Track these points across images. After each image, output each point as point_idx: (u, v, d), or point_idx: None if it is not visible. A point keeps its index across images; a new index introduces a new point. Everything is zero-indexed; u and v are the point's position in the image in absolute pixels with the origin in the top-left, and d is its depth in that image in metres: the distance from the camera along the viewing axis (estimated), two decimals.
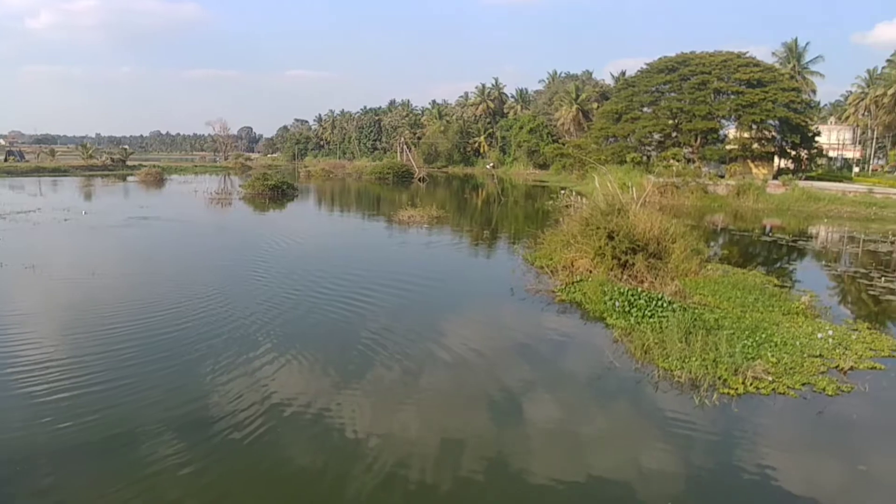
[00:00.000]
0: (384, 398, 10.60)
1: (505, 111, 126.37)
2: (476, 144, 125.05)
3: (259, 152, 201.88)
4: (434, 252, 26.74)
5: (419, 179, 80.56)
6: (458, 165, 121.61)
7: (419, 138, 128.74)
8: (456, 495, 7.87)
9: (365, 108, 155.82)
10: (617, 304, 15.27)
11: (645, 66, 75.91)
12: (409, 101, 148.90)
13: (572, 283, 18.08)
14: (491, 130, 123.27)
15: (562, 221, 24.32)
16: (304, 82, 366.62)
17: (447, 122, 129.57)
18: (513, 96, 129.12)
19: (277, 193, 55.55)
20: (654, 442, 9.52)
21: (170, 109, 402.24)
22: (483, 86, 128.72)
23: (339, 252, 26.38)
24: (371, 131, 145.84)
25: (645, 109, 72.37)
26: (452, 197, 63.75)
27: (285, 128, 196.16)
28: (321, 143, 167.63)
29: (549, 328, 14.91)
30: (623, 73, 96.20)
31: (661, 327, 13.25)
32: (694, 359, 11.76)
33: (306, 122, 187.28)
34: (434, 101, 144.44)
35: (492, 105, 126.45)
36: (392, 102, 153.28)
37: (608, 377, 11.78)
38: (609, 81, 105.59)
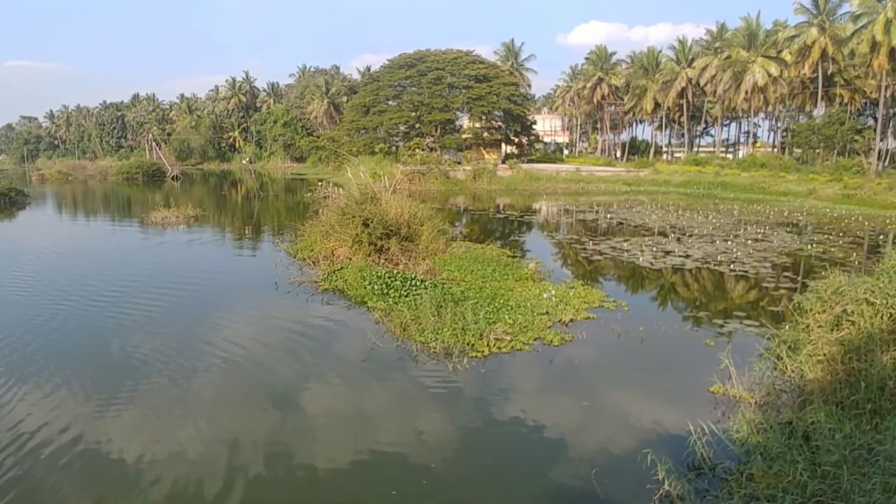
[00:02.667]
0: (160, 412, 9.67)
1: (258, 105, 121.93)
2: (231, 139, 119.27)
3: None
4: (195, 252, 25.03)
5: (172, 178, 74.74)
6: (213, 161, 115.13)
7: (169, 134, 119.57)
8: (246, 497, 7.53)
9: (105, 102, 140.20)
10: (376, 287, 15.62)
11: (387, 62, 78.20)
12: (154, 94, 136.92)
13: (334, 271, 18.11)
14: (245, 125, 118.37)
15: (321, 212, 24.14)
16: (28, 74, 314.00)
17: (198, 116, 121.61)
18: (265, 90, 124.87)
19: (4, 201, 47.38)
20: (419, 410, 9.96)
21: None
22: (233, 79, 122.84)
23: (89, 263, 23.36)
24: (114, 128, 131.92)
25: (390, 103, 74.56)
26: (210, 194, 60.09)
27: (10, 126, 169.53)
28: (56, 142, 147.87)
29: (316, 317, 14.76)
30: (368, 69, 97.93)
31: (416, 305, 13.80)
32: (446, 330, 12.47)
33: (36, 119, 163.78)
34: (182, 95, 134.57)
35: (244, 99, 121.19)
36: (136, 96, 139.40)
37: (373, 357, 12.01)
38: (356, 76, 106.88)
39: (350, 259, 18.90)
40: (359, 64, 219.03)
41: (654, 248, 23.99)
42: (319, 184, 46.08)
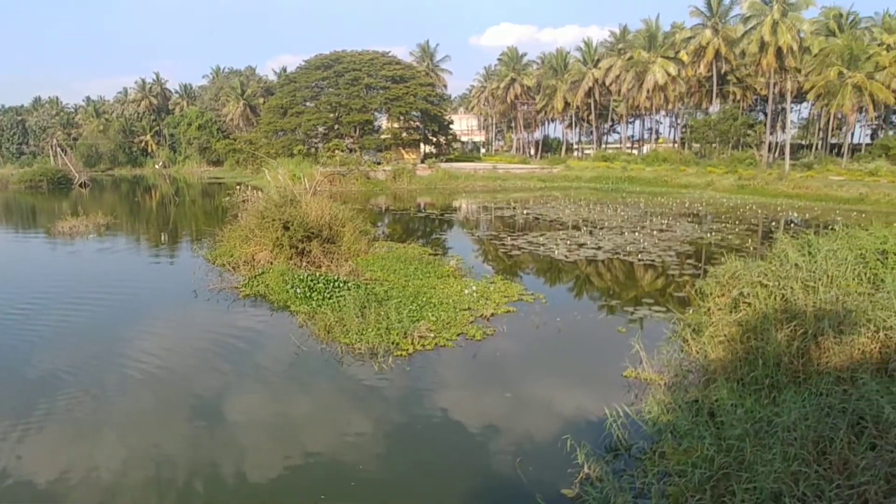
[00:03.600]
0: (79, 431, 9.07)
1: (170, 107, 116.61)
2: (143, 143, 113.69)
3: None
4: (109, 262, 23.66)
5: (80, 185, 70.50)
6: (125, 167, 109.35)
7: (75, 139, 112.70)
8: None
9: (3, 107, 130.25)
10: (298, 290, 15.29)
11: (303, 63, 76.82)
12: (57, 97, 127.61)
13: (255, 276, 17.55)
14: (157, 128, 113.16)
15: (240, 217, 23.37)
16: None
17: (107, 120, 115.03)
18: (177, 92, 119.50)
19: None
20: (347, 412, 9.85)
21: None
22: (143, 80, 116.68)
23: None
24: (14, 133, 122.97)
25: (308, 104, 73.26)
26: (122, 201, 57.15)
27: None
28: None
29: (238, 324, 14.29)
30: (284, 70, 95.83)
31: (339, 306, 13.61)
32: (370, 330, 12.36)
33: None
34: (89, 98, 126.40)
35: (155, 101, 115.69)
36: (37, 100, 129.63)
37: (298, 361, 11.77)
38: (272, 77, 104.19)
39: (271, 263, 18.42)
40: (275, 65, 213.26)
41: (569, 242, 24.64)
42: (238, 187, 44.60)
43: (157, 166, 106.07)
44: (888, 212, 33.81)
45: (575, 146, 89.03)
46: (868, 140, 67.63)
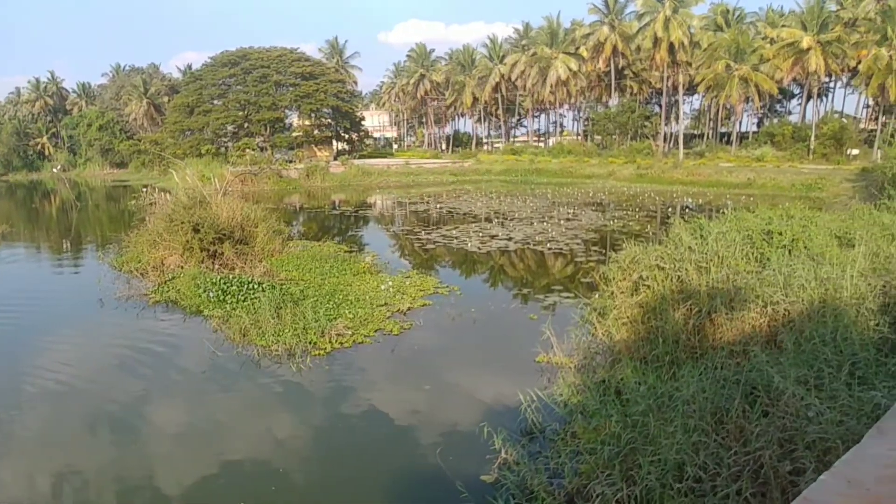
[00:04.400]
0: None
1: (68, 108, 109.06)
2: (39, 146, 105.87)
3: None
4: (6, 273, 21.83)
5: None
6: (20, 172, 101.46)
7: None
8: None
9: None
10: (211, 294, 14.64)
11: (209, 60, 73.62)
12: None
13: (165, 282, 16.70)
14: (55, 129, 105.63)
15: (147, 220, 22.16)
16: None
17: None
18: (75, 91, 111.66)
19: None
20: (266, 415, 9.54)
21: None
22: (37, 80, 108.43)
23: None
24: None
25: (216, 102, 70.35)
26: (19, 208, 53.00)
27: None
28: None
29: (149, 332, 13.53)
30: (190, 67, 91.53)
31: (254, 308, 13.17)
32: (287, 331, 12.04)
33: None
34: None
35: (51, 101, 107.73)
36: None
37: (214, 367, 11.29)
38: (177, 75, 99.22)
39: (182, 267, 17.58)
40: (179, 62, 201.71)
41: (481, 234, 24.92)
42: (144, 190, 42.47)
43: (54, 170, 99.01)
44: (773, 194, 36.20)
45: (485, 140, 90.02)
46: (755, 128, 71.61)
